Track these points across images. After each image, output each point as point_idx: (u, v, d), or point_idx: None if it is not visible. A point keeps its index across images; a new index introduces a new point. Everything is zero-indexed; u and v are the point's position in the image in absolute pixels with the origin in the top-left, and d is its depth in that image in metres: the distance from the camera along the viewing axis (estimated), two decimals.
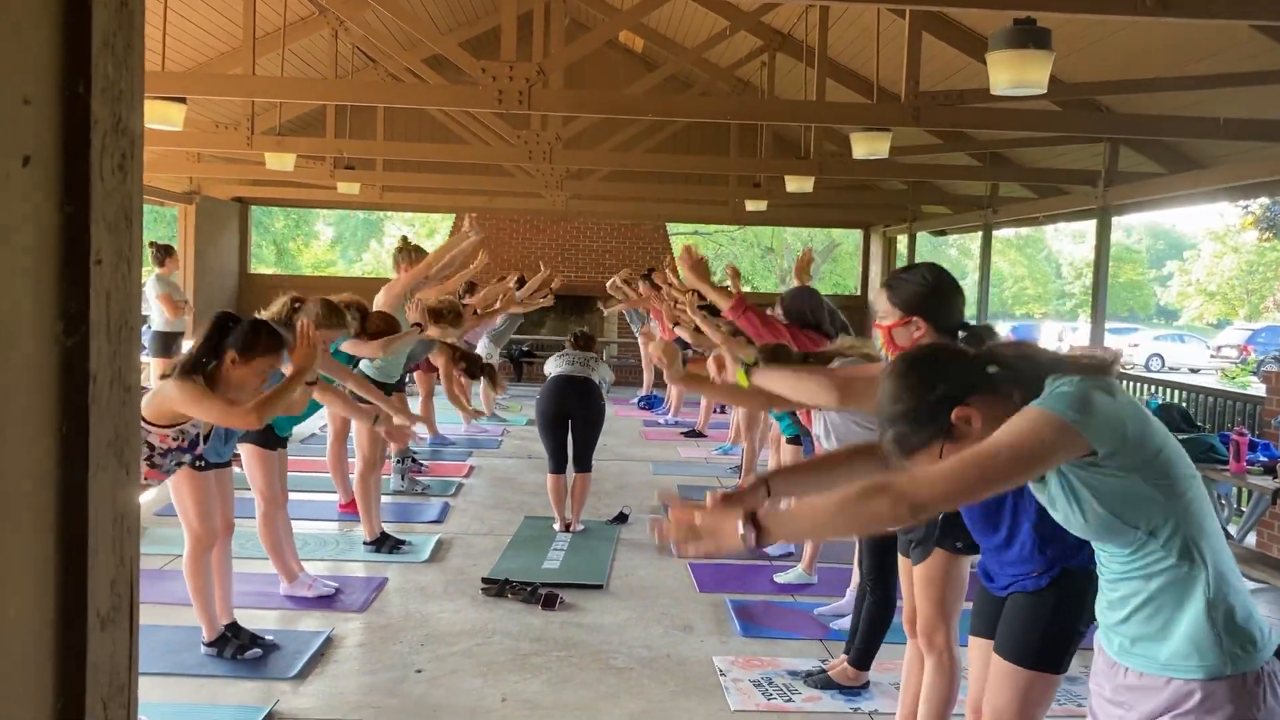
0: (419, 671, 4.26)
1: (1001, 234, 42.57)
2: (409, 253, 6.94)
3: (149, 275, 10.41)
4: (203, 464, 4.07)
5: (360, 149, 11.12)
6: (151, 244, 10.59)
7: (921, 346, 2.02)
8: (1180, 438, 6.00)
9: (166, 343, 10.22)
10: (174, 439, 3.74)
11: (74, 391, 0.85)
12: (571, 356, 6.72)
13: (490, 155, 10.93)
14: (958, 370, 1.94)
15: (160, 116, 7.54)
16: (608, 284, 13.19)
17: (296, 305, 4.71)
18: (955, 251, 41.64)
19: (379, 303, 6.36)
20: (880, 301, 2.78)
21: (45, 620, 0.83)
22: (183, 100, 7.62)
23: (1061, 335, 32.60)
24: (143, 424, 3.54)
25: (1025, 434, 1.79)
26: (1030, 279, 46.26)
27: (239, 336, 3.73)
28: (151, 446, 3.69)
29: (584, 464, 6.61)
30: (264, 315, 4.50)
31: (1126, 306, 45.19)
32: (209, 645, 4.26)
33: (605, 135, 11.85)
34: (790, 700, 4.08)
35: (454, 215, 17.28)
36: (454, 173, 13.51)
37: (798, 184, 10.74)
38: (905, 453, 1.93)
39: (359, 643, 4.58)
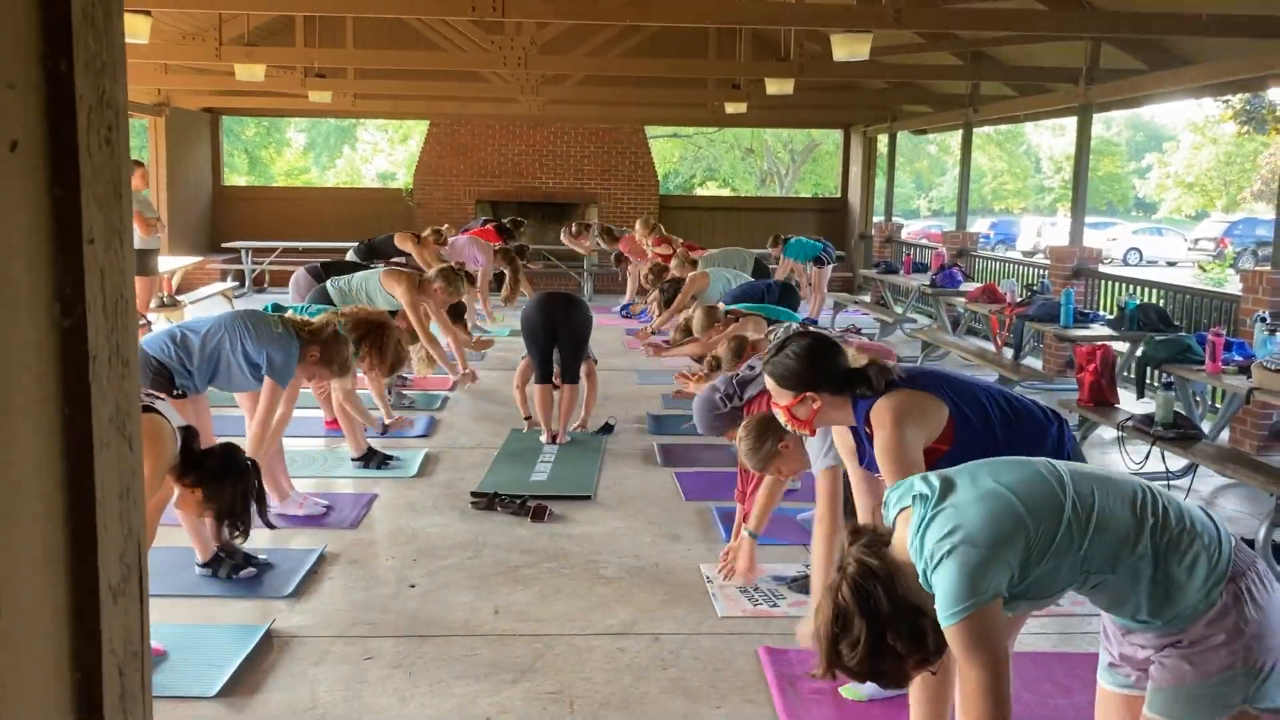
0: (412, 586, 4.35)
1: (982, 129, 42.35)
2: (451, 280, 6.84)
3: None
4: (180, 392, 4.10)
5: (330, 58, 10.91)
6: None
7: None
8: (1158, 338, 6.04)
9: (142, 260, 10.09)
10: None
11: (74, 373, 0.86)
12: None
13: (464, 62, 10.74)
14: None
15: (126, 30, 7.35)
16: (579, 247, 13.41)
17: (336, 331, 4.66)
18: (935, 149, 41.41)
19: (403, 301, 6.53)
20: (770, 386, 2.94)
21: (60, 597, 0.85)
22: (148, 13, 7.44)
23: (1040, 231, 32.65)
24: None
25: (980, 649, 1.91)
26: (1010, 174, 46.10)
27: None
28: None
29: (571, 375, 6.66)
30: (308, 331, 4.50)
31: (1105, 200, 45.19)
32: (203, 566, 4.33)
33: (581, 39, 11.64)
34: (775, 605, 4.19)
35: (427, 121, 17.03)
36: (427, 79, 13.28)
37: (778, 86, 10.63)
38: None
39: (352, 559, 4.65)
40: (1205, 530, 1.99)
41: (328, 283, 6.57)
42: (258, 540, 4.66)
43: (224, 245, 15.47)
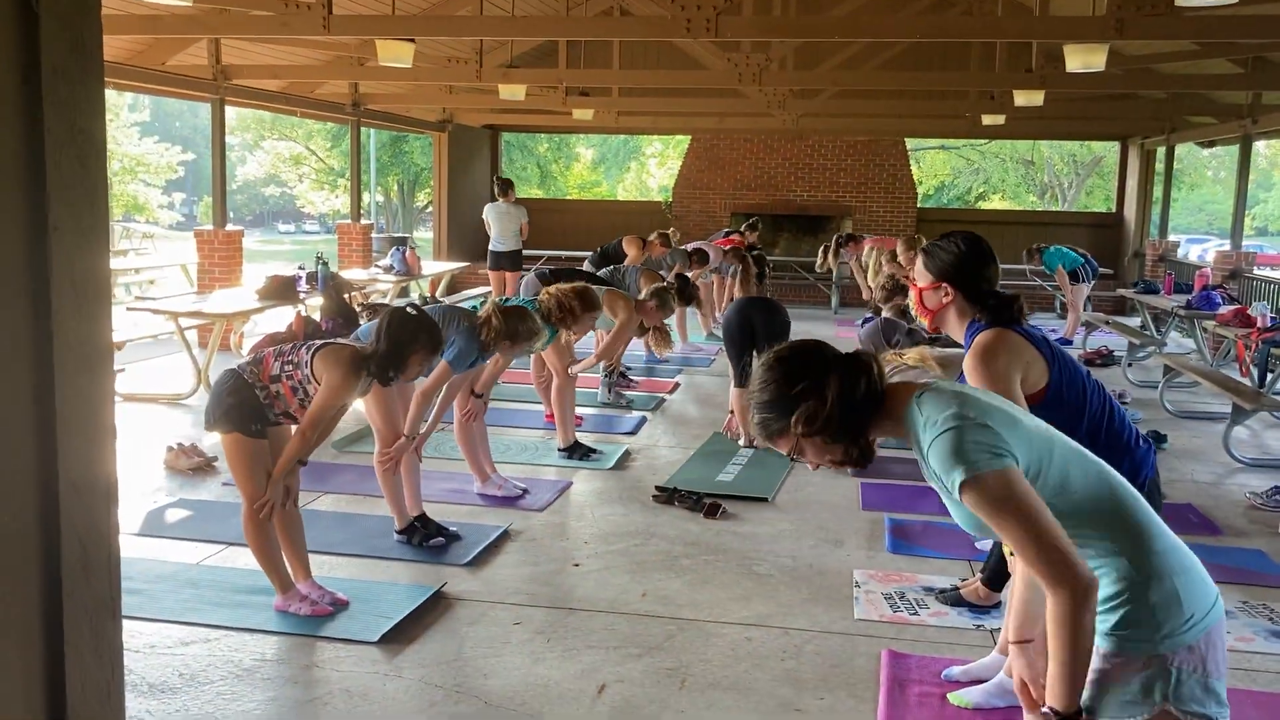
0: (576, 565, 4.71)
1: None
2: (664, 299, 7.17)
3: (493, 205, 12.67)
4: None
5: (584, 78, 11.59)
6: (498, 178, 13.21)
7: (792, 344, 2.16)
8: None
9: (517, 259, 12.53)
10: None
11: (41, 363, 1.22)
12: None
13: (708, 79, 11.12)
14: (817, 367, 2.08)
15: (392, 55, 8.24)
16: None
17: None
18: (1265, 161, 37.97)
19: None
20: (917, 264, 2.94)
21: (31, 596, 1.21)
22: (411, 40, 8.28)
23: None
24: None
25: (1006, 506, 1.90)
26: None
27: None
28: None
29: None
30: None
31: None
32: (399, 533, 4.88)
33: (827, 54, 11.76)
34: (915, 614, 4.24)
35: (689, 136, 17.58)
36: (686, 95, 13.79)
37: (1026, 98, 10.35)
38: (767, 436, 2.12)
39: (531, 538, 5.08)
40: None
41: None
42: (454, 515, 5.20)
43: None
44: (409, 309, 4.15)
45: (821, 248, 12.68)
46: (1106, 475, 2.06)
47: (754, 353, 7.03)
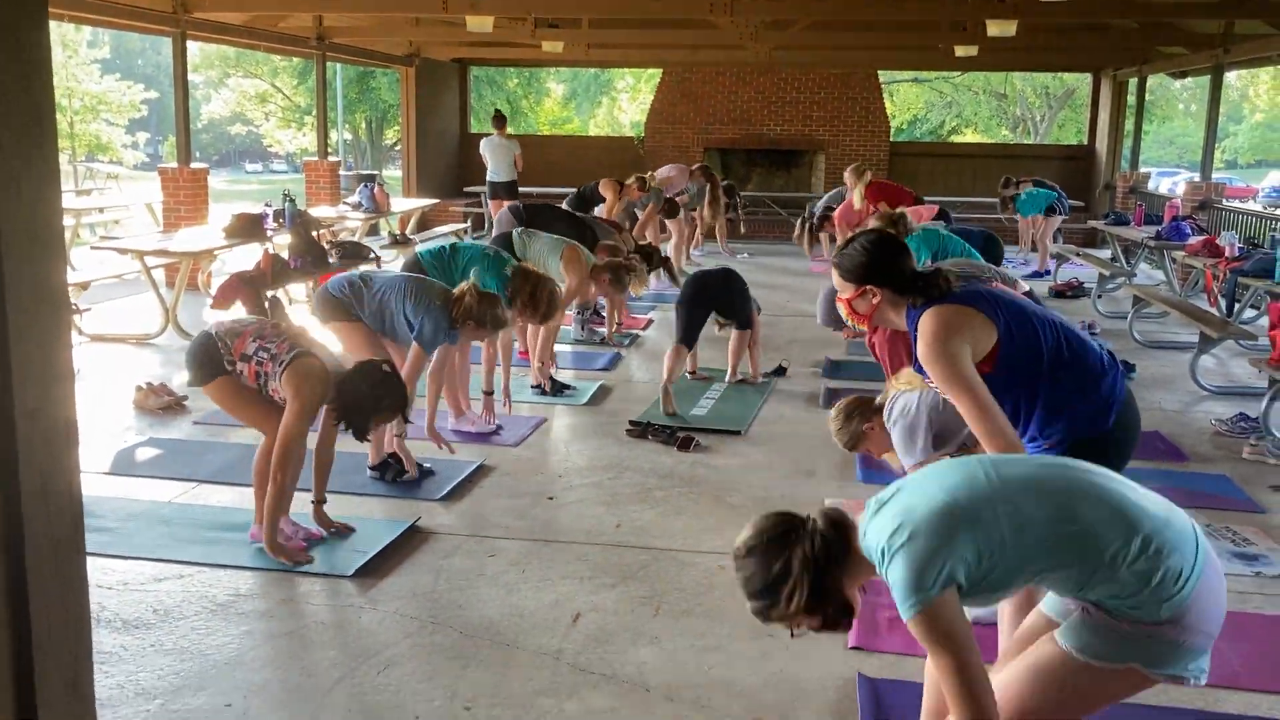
0: (550, 499, 4.74)
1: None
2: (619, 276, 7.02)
3: (488, 139, 13.34)
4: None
5: (549, 6, 11.40)
6: (497, 111, 13.99)
7: (758, 528, 2.19)
8: None
9: (513, 189, 13.10)
10: None
11: None
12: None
13: (675, 8, 10.98)
14: (785, 547, 2.14)
15: None
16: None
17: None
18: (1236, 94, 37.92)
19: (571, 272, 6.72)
20: (835, 280, 2.94)
21: None
22: None
23: None
24: None
25: (941, 642, 2.00)
26: None
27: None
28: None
29: (744, 323, 6.77)
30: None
31: None
32: (373, 469, 4.88)
33: None
34: None
35: (661, 70, 17.38)
36: (656, 27, 13.60)
37: (999, 28, 10.29)
38: (767, 621, 2.19)
39: (505, 472, 5.09)
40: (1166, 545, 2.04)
41: (514, 232, 6.92)
42: (429, 451, 5.19)
43: (466, 190, 16.48)
44: (385, 366, 4.04)
45: (799, 222, 12.49)
46: (1071, 501, 2.08)
47: (719, 317, 6.69)
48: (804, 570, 2.09)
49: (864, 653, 3.35)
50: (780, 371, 7.23)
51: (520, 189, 15.65)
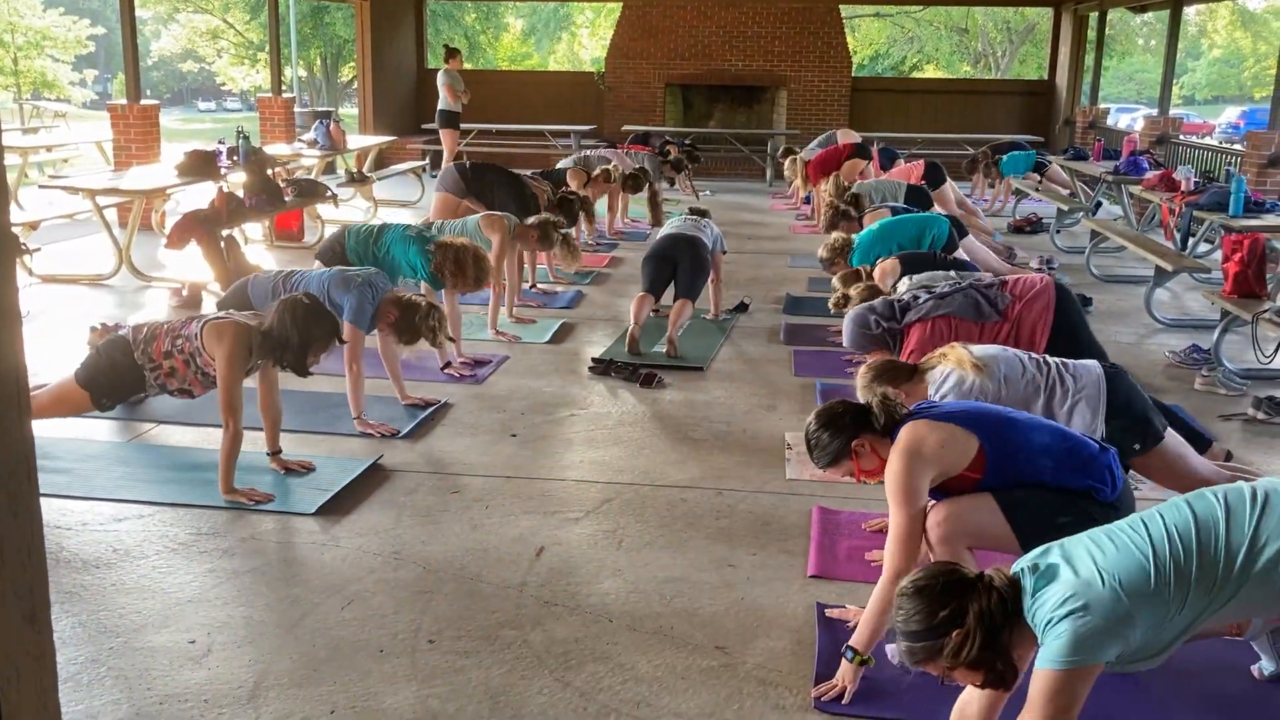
0: (513, 436, 4.74)
1: (1248, 7, 38.48)
2: (547, 233, 6.88)
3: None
4: None
5: None
6: (445, 45, 13.98)
7: (932, 572, 2.20)
8: None
9: (449, 119, 13.24)
10: None
11: None
12: (685, 218, 6.86)
13: None
14: (958, 595, 2.14)
15: None
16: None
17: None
18: (1195, 30, 38.03)
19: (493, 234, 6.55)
20: (827, 471, 3.06)
21: None
22: None
23: None
24: None
25: (1055, 702, 2.04)
26: (1273, 57, 41.91)
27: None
28: None
29: (689, 294, 6.61)
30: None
31: None
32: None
33: None
34: None
35: (620, 3, 17.13)
36: None
37: None
38: (914, 662, 2.18)
39: (468, 411, 5.09)
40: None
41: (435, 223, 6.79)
42: (387, 389, 5.16)
43: (424, 127, 16.24)
44: (304, 298, 4.04)
45: (788, 161, 12.21)
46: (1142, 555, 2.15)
47: (673, 278, 6.59)
48: (979, 624, 2.10)
49: (822, 581, 3.41)
50: (742, 308, 7.25)
51: (481, 126, 15.52)
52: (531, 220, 6.79)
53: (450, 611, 3.15)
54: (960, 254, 6.36)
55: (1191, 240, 7.86)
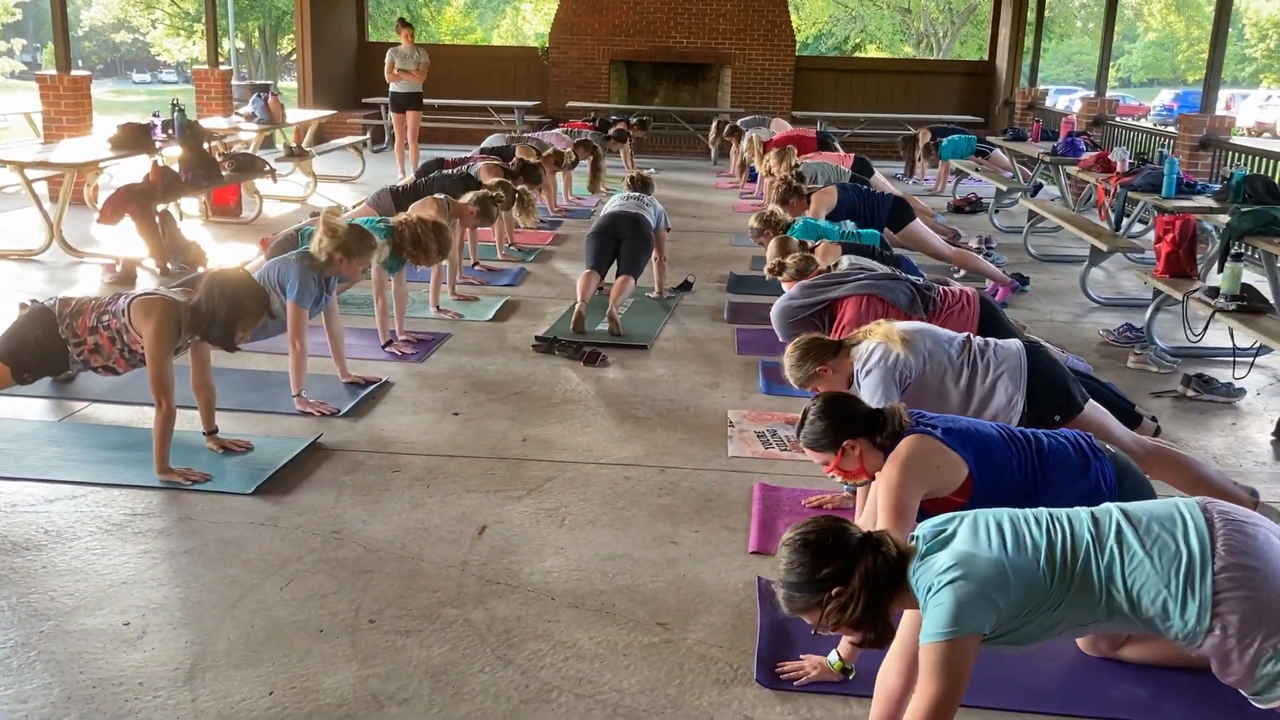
0: (456, 414, 4.71)
1: None
2: (486, 208, 6.73)
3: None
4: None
5: None
6: (399, 19, 13.32)
7: (818, 526, 2.22)
8: (1244, 209, 5.82)
9: (403, 99, 12.37)
10: None
11: None
12: (627, 196, 6.85)
13: None
14: (843, 553, 2.17)
15: None
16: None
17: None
18: (1130, 13, 38.62)
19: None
20: (813, 458, 3.03)
21: None
22: None
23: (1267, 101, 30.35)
24: None
25: (944, 673, 2.07)
26: (1206, 41, 42.71)
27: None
28: None
29: (632, 270, 6.59)
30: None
31: None
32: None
33: None
34: (786, 450, 4.38)
35: None
36: None
37: None
38: (792, 610, 2.22)
39: (410, 389, 5.05)
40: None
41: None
42: (328, 367, 5.10)
43: (364, 101, 16.00)
44: (232, 273, 4.02)
45: (715, 126, 12.26)
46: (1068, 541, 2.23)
47: (616, 256, 6.61)
48: (863, 585, 2.13)
49: (762, 556, 3.44)
50: (686, 287, 7.26)
51: (425, 100, 15.29)
52: (468, 197, 6.69)
53: (391, 591, 3.14)
54: (904, 240, 6.52)
55: (1126, 221, 8.00)
